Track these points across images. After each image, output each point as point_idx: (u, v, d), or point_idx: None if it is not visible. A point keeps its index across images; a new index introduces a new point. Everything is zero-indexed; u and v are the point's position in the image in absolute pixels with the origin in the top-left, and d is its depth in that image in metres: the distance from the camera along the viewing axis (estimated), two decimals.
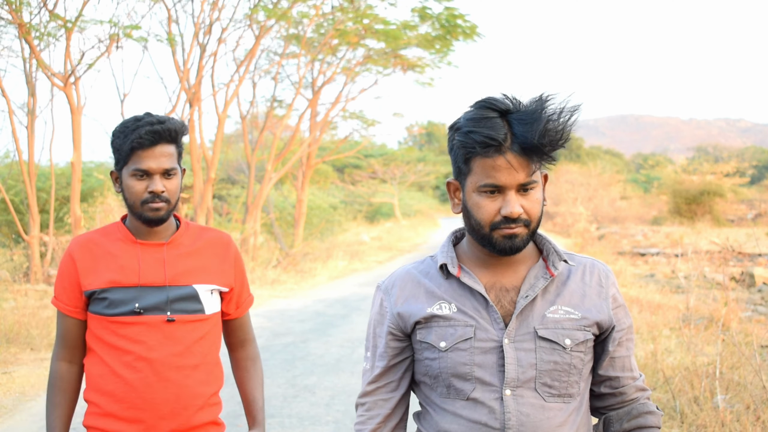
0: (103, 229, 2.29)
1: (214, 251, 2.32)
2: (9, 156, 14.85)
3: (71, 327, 2.25)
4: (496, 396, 1.69)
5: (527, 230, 1.68)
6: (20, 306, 9.24)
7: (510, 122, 1.64)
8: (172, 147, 2.20)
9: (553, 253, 1.77)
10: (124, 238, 2.24)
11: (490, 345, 1.70)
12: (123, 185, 2.20)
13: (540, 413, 1.68)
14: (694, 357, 6.27)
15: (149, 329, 2.18)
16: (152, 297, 2.18)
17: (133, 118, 2.18)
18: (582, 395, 1.76)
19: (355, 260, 18.16)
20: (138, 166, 2.15)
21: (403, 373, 1.83)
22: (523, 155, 1.63)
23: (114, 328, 2.17)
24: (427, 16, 15.59)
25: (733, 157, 39.89)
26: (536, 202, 1.68)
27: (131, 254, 2.21)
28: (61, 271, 2.25)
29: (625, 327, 1.80)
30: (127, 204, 2.21)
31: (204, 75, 14.35)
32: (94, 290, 2.19)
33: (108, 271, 2.19)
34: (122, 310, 2.17)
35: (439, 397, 1.76)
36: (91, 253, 2.22)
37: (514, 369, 1.69)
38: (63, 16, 11.49)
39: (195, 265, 2.26)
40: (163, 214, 2.19)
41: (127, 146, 2.15)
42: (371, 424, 1.82)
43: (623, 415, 1.82)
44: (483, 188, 1.67)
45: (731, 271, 12.99)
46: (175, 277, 2.22)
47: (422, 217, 36.70)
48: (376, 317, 1.85)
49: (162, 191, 2.16)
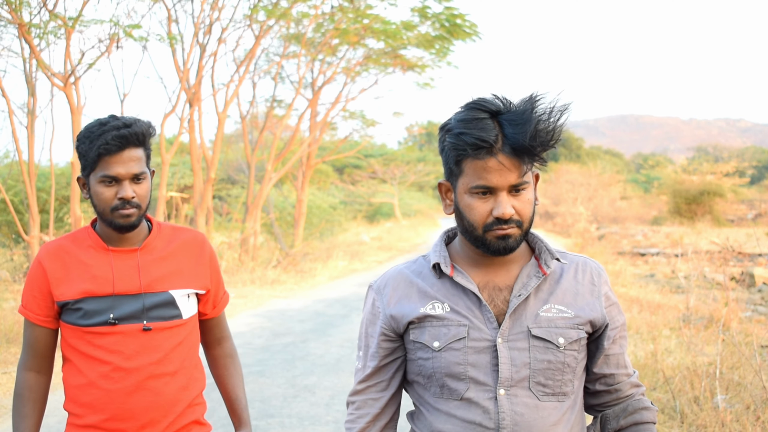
0: (72, 236, 2.22)
1: (188, 253, 2.26)
2: (9, 156, 14.86)
3: (41, 336, 2.20)
4: (490, 396, 1.69)
5: (520, 231, 1.69)
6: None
7: (501, 123, 1.64)
8: (140, 150, 2.13)
9: (546, 251, 1.77)
10: (96, 245, 2.18)
11: (484, 344, 1.70)
12: (91, 192, 2.13)
13: (534, 412, 1.68)
14: (694, 357, 6.27)
15: (125, 338, 2.12)
16: (127, 306, 2.13)
17: (97, 122, 2.11)
18: (576, 393, 1.77)
19: (355, 260, 18.16)
20: (106, 172, 2.08)
21: (394, 373, 1.83)
22: (514, 156, 1.63)
23: (89, 338, 2.12)
24: (427, 15, 15.59)
25: (733, 157, 39.91)
26: (528, 203, 1.68)
27: (104, 262, 2.15)
28: (31, 279, 2.18)
29: (618, 324, 1.81)
30: (96, 210, 2.15)
31: (204, 75, 14.35)
32: (68, 301, 2.13)
33: (81, 281, 2.13)
34: (97, 320, 2.11)
35: (432, 397, 1.76)
36: (62, 262, 2.15)
37: (508, 368, 1.69)
38: (63, 16, 11.49)
39: (170, 269, 2.20)
40: (134, 219, 2.13)
41: (93, 152, 2.08)
42: (360, 423, 1.83)
43: (619, 412, 1.83)
44: (474, 190, 1.67)
45: (731, 271, 12.99)
46: (150, 283, 2.16)
47: (422, 217, 36.69)
48: (368, 317, 1.85)
49: (132, 197, 2.10)
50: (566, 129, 1.67)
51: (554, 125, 1.63)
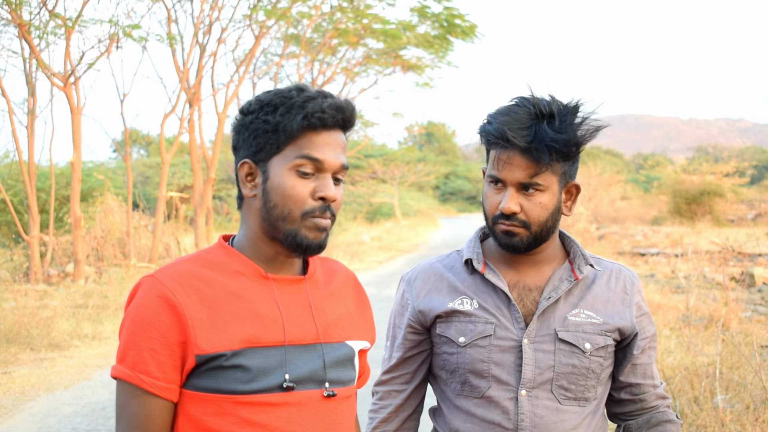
0: (202, 258, 1.47)
1: (349, 291, 1.61)
2: (9, 156, 14.87)
3: (158, 413, 1.39)
4: (511, 396, 1.69)
5: (528, 232, 1.68)
6: (20, 306, 9.24)
7: (535, 123, 1.64)
8: (345, 139, 1.50)
9: (580, 256, 1.77)
10: (249, 271, 1.45)
11: (509, 344, 1.70)
12: (269, 184, 1.43)
13: (554, 415, 1.68)
14: (694, 357, 6.26)
15: (302, 412, 1.43)
16: (305, 362, 1.44)
17: (294, 87, 1.46)
18: (599, 400, 1.75)
19: (355, 260, 18.16)
20: (309, 152, 1.41)
21: (419, 365, 1.83)
22: (525, 155, 1.64)
23: (247, 412, 1.38)
24: (427, 15, 15.59)
25: (733, 157, 39.87)
26: (539, 206, 1.67)
27: (267, 297, 1.45)
28: (146, 323, 1.38)
29: (648, 335, 1.80)
30: (268, 216, 1.44)
31: (204, 75, 14.36)
32: (220, 354, 1.37)
33: (239, 322, 1.40)
34: (265, 384, 1.39)
35: (453, 394, 1.76)
36: (201, 296, 1.40)
37: (531, 370, 1.68)
38: (63, 16, 11.49)
39: (340, 311, 1.54)
40: (324, 237, 1.45)
41: (295, 123, 1.41)
42: (383, 413, 1.84)
43: (642, 423, 1.81)
44: (488, 179, 1.71)
45: (731, 271, 12.98)
46: (327, 329, 1.49)
47: (422, 217, 36.69)
48: (397, 308, 1.86)
49: (335, 199, 1.44)
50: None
51: (581, 139, 1.65)
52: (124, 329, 1.40)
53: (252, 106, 1.45)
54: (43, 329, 7.93)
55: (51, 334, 7.87)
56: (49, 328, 7.99)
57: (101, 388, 6.21)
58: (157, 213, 14.08)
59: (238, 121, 1.47)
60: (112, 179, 18.22)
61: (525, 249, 1.70)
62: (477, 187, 51.80)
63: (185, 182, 21.47)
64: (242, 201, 1.49)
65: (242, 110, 1.47)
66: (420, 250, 21.82)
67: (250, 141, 1.44)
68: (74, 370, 6.82)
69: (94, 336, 8.24)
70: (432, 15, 15.54)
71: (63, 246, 13.38)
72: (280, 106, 1.42)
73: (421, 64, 17.80)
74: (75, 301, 10.14)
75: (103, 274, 12.41)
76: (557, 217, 1.71)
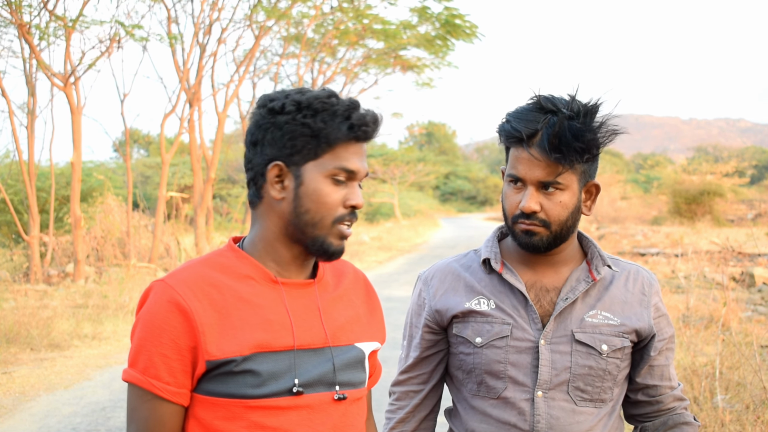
0: (211, 261, 1.48)
1: (359, 292, 1.63)
2: (9, 156, 14.87)
3: (169, 417, 1.42)
4: (527, 397, 1.68)
5: (547, 231, 1.67)
6: (20, 306, 9.24)
7: (556, 123, 1.63)
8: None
9: (598, 257, 1.76)
10: (258, 275, 1.47)
11: (526, 345, 1.69)
12: (302, 190, 1.44)
13: (570, 417, 1.67)
14: (693, 357, 6.26)
15: (313, 415, 1.45)
16: (314, 365, 1.46)
17: (328, 92, 1.45)
18: (615, 401, 1.75)
19: (354, 260, 18.15)
20: (345, 164, 1.43)
21: (436, 365, 1.83)
22: (545, 153, 1.62)
23: (257, 416, 1.41)
24: (427, 15, 15.60)
25: (733, 157, 39.85)
26: (559, 205, 1.66)
27: (276, 301, 1.46)
28: (157, 329, 1.39)
29: (666, 336, 1.79)
30: (297, 220, 1.46)
31: (204, 75, 14.36)
32: (230, 359, 1.39)
33: (249, 328, 1.42)
34: (275, 388, 1.41)
35: (469, 394, 1.75)
36: (211, 301, 1.41)
37: (548, 371, 1.68)
38: (63, 16, 11.50)
39: (349, 314, 1.57)
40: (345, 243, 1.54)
41: (339, 132, 1.42)
42: (400, 414, 1.83)
43: (659, 425, 1.80)
44: (508, 178, 1.70)
45: (731, 271, 12.98)
46: (336, 333, 1.51)
47: (422, 217, 36.69)
48: (414, 307, 1.86)
49: (362, 206, 1.51)
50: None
51: (599, 141, 1.65)
52: (136, 334, 1.42)
53: (287, 107, 1.42)
54: (43, 329, 7.93)
55: (51, 334, 7.88)
56: (49, 328, 7.99)
57: (101, 388, 6.21)
58: (157, 213, 14.08)
59: (266, 118, 1.44)
60: (112, 179, 18.22)
61: (545, 248, 1.69)
62: (477, 188, 51.78)
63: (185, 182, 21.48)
64: (259, 201, 1.47)
65: (274, 108, 1.43)
66: (420, 250, 21.81)
67: (284, 142, 1.42)
68: (74, 370, 6.82)
69: (94, 336, 8.24)
70: (432, 15, 15.55)
71: (63, 246, 13.38)
72: (322, 111, 1.42)
73: (421, 64, 17.80)
74: (75, 301, 10.15)
75: (103, 274, 12.41)
76: (577, 216, 1.70)
